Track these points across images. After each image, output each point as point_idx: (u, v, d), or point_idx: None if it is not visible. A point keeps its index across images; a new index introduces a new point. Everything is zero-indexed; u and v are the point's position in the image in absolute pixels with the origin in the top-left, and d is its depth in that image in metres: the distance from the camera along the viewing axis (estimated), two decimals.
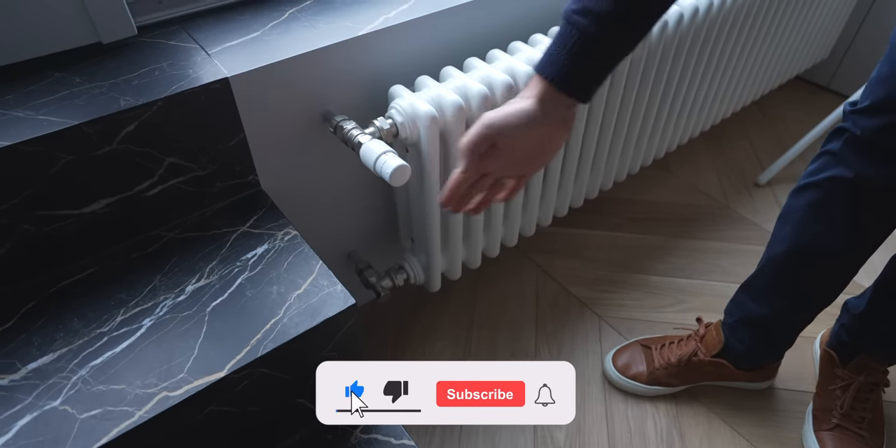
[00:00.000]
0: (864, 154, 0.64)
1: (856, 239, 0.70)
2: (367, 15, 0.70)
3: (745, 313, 0.82)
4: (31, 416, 0.48)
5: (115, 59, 0.62)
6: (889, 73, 0.60)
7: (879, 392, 0.82)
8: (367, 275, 0.85)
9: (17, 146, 0.51)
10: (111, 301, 0.57)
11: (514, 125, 0.46)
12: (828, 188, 0.68)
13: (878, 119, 0.61)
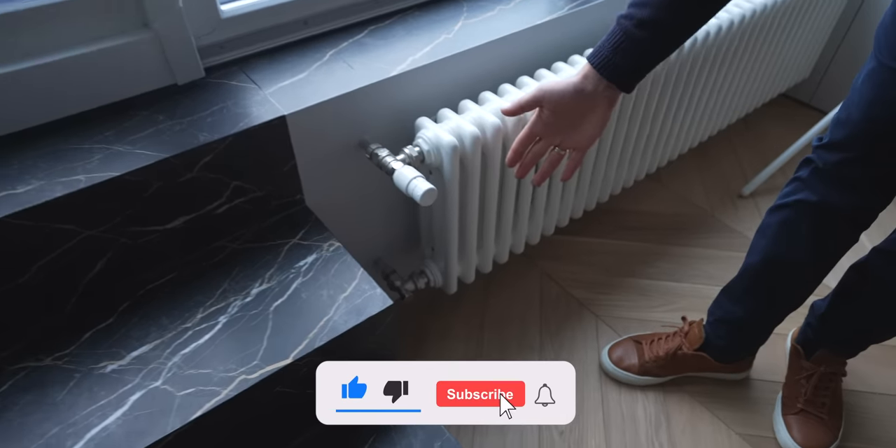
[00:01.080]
0: (826, 183, 0.75)
1: (818, 253, 0.81)
2: (396, 56, 0.82)
3: (724, 313, 0.94)
4: (140, 393, 0.59)
5: (189, 98, 0.73)
6: (846, 118, 0.71)
7: (838, 381, 0.93)
8: (392, 279, 0.97)
9: (123, 176, 0.62)
10: (190, 302, 0.69)
11: (559, 90, 0.58)
12: (796, 209, 0.79)
13: (837, 155, 0.73)
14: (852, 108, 0.70)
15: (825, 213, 0.77)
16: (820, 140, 0.76)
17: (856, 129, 0.69)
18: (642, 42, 0.55)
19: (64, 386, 0.60)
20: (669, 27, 0.55)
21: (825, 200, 0.75)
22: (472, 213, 0.89)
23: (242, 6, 0.77)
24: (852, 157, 0.71)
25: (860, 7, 1.47)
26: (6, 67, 0.62)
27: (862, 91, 0.68)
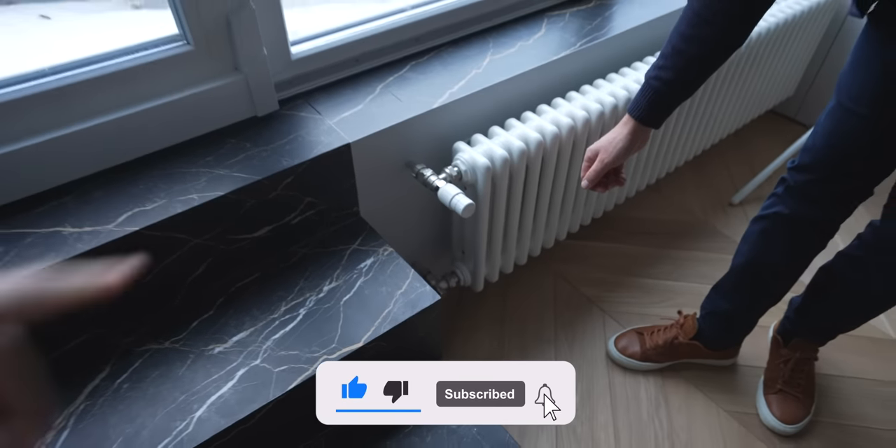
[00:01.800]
0: (796, 199, 0.90)
1: (791, 256, 0.96)
2: (436, 89, 0.96)
3: (714, 307, 1.08)
4: (244, 370, 0.74)
5: (268, 128, 0.88)
6: (812, 145, 0.86)
7: (811, 365, 1.08)
8: (428, 278, 1.11)
9: (226, 195, 0.77)
10: (274, 296, 0.83)
11: (610, 143, 0.78)
12: (773, 220, 0.94)
13: (804, 176, 0.88)
14: (817, 138, 0.84)
15: (796, 224, 0.91)
16: (793, 163, 0.91)
17: (819, 154, 0.84)
18: (668, 95, 0.72)
19: (183, 363, 0.74)
20: (688, 82, 0.71)
21: (796, 213, 0.90)
22: (499, 223, 1.04)
23: (307, 49, 0.92)
24: (816, 177, 0.85)
25: (839, 29, 1.61)
26: (131, 109, 0.76)
27: (824, 124, 0.83)
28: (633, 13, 1.19)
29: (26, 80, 0.71)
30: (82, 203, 0.74)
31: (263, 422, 0.71)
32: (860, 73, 0.78)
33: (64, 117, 0.73)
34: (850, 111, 0.79)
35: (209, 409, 0.69)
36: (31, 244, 0.69)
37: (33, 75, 0.71)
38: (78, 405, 0.69)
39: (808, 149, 0.86)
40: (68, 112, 0.73)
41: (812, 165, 0.85)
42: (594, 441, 1.04)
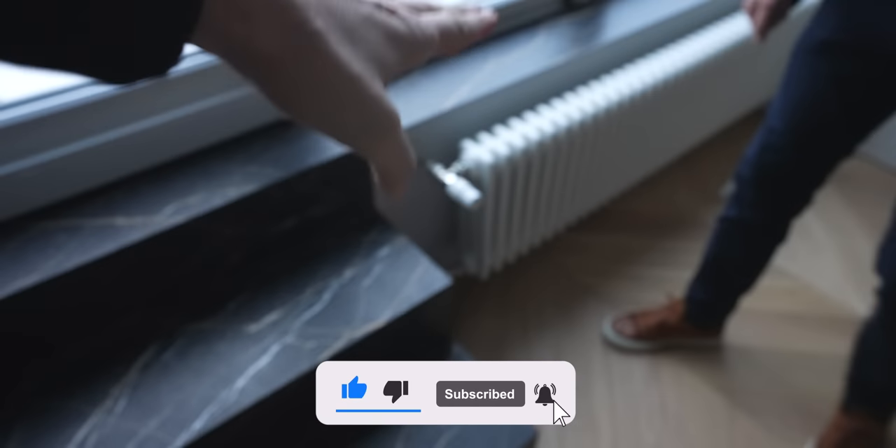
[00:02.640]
0: (745, 204, 1.01)
1: (747, 255, 1.05)
2: (444, 93, 1.04)
3: (693, 294, 1.17)
4: (278, 345, 0.81)
5: (293, 130, 0.95)
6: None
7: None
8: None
9: (258, 190, 0.85)
10: (300, 282, 0.91)
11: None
12: (728, 222, 1.04)
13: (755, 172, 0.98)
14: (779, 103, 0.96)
15: (747, 227, 1.03)
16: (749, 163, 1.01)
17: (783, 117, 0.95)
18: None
19: (223, 341, 0.82)
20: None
21: (745, 217, 1.02)
22: (503, 215, 1.12)
23: None
24: (768, 170, 0.97)
25: None
26: (173, 113, 0.84)
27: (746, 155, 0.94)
28: (624, 22, 1.27)
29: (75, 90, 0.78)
30: (132, 196, 0.82)
31: (297, 391, 0.79)
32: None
33: (112, 123, 0.81)
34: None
35: (250, 380, 0.77)
36: (90, 234, 0.76)
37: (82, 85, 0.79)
38: (131, 377, 0.77)
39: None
40: (116, 118, 0.81)
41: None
42: (591, 414, 1.12)
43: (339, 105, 0.21)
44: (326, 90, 0.20)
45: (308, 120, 0.22)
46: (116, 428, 0.71)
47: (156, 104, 0.83)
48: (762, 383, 1.17)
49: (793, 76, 0.93)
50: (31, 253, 0.74)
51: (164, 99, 0.83)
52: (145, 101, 0.82)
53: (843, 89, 0.86)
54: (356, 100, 0.21)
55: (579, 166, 1.20)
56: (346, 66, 0.20)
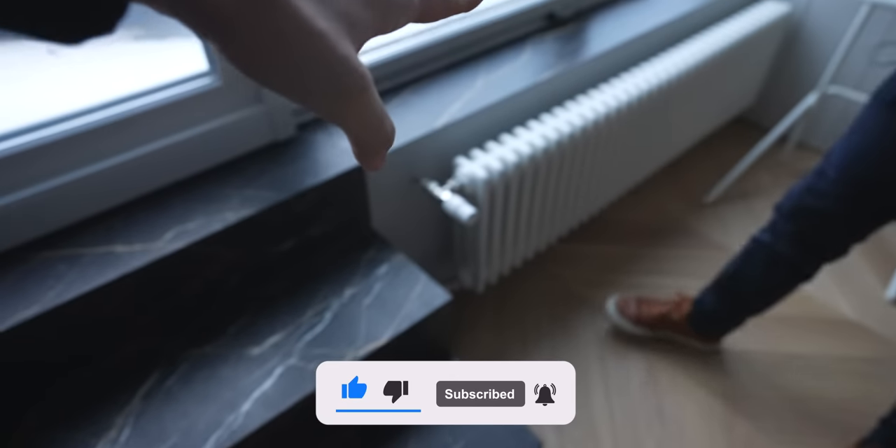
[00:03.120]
0: (784, 236, 0.98)
1: (765, 282, 1.04)
2: (436, 111, 1.05)
3: (703, 299, 1.17)
4: (282, 368, 0.81)
5: (288, 152, 0.96)
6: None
7: None
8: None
9: (256, 213, 0.85)
10: (301, 303, 0.91)
11: None
12: (758, 244, 1.03)
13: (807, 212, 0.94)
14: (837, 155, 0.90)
15: (776, 257, 1.00)
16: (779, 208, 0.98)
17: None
18: None
19: (226, 365, 0.82)
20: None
21: (777, 248, 0.99)
22: (497, 229, 1.13)
23: None
24: (815, 213, 0.93)
25: (793, 41, 1.75)
26: (168, 139, 0.84)
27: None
28: (606, 37, 1.30)
29: (75, 117, 0.78)
30: (129, 224, 0.82)
31: (303, 413, 0.79)
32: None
33: (109, 150, 0.81)
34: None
35: (255, 404, 0.77)
36: (90, 263, 0.76)
37: (80, 113, 0.79)
38: (134, 406, 0.76)
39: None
40: (112, 145, 0.81)
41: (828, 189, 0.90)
42: (591, 422, 1.13)
43: (302, 65, 0.20)
44: (288, 49, 0.19)
45: (272, 83, 0.20)
46: None
47: (153, 130, 0.83)
48: (757, 386, 1.19)
49: (861, 125, 0.85)
50: (31, 284, 0.73)
51: (160, 124, 0.83)
52: (143, 127, 0.82)
53: None
54: (321, 59, 0.20)
55: (570, 178, 1.22)
56: (308, 22, 0.19)
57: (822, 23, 1.67)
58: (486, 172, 1.00)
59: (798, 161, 1.80)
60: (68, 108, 0.78)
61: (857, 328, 1.31)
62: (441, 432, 0.93)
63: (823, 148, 1.82)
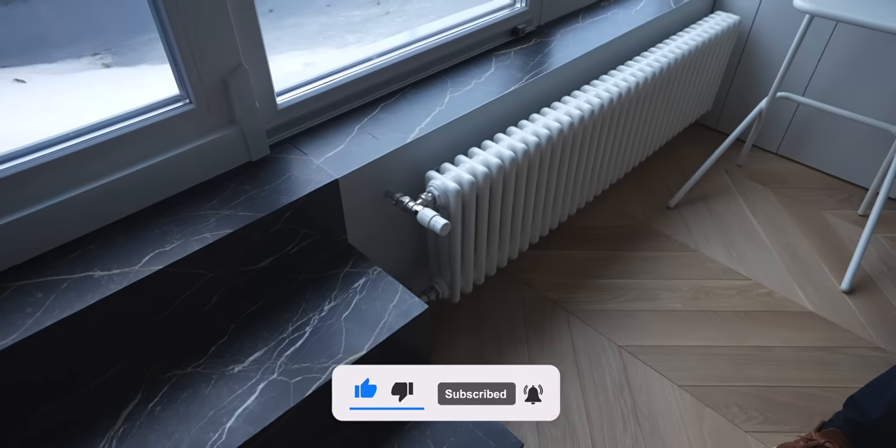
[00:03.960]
0: None
1: None
2: (407, 127, 1.08)
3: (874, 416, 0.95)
4: (264, 384, 0.82)
5: (263, 171, 0.97)
6: None
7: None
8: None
9: (234, 232, 0.86)
10: (280, 319, 0.92)
11: None
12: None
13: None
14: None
15: None
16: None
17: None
18: None
19: (208, 384, 0.82)
20: None
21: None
22: (470, 239, 1.15)
23: (291, 98, 1.02)
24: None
25: (743, 49, 1.83)
26: (143, 163, 0.85)
27: None
28: (567, 49, 1.35)
29: (50, 146, 0.79)
30: (106, 249, 0.82)
31: (286, 427, 0.80)
32: None
33: (83, 176, 0.81)
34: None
35: (237, 420, 0.78)
36: (68, 288, 0.76)
37: (55, 141, 0.79)
38: (117, 429, 0.76)
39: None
40: (86, 171, 0.81)
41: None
42: (569, 423, 1.16)
43: None
44: None
45: None
46: None
47: (126, 155, 0.84)
48: (722, 378, 1.24)
49: None
50: (7, 313, 0.73)
51: (134, 149, 0.84)
52: (116, 153, 0.83)
53: None
54: None
55: (538, 187, 1.26)
56: None
57: (769, 33, 1.76)
58: (456, 184, 1.03)
59: (753, 163, 1.88)
60: (40, 136, 0.78)
61: (815, 319, 1.37)
62: (425, 438, 0.94)
63: (776, 150, 1.90)
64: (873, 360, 1.27)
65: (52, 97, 1.56)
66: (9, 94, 1.56)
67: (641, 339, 1.32)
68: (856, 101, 1.65)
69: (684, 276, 1.48)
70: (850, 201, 1.73)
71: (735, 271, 1.50)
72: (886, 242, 1.59)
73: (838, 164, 1.81)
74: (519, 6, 1.37)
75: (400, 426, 0.96)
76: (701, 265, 1.52)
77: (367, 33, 2.19)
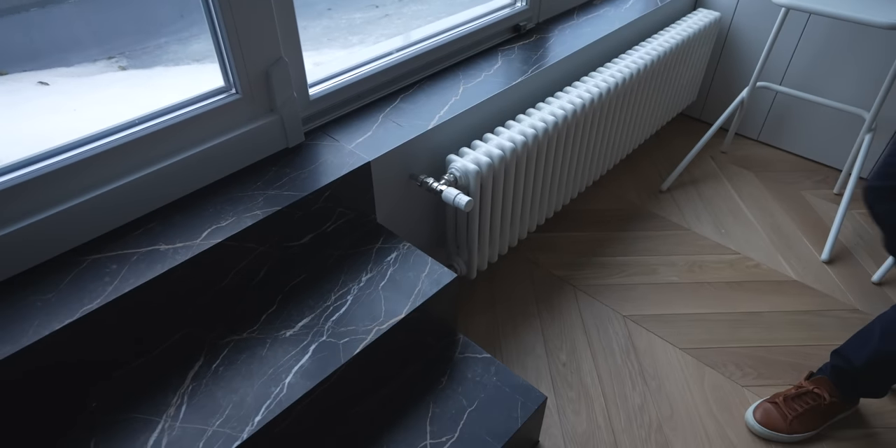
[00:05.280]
0: None
1: None
2: (428, 114, 1.16)
3: (858, 363, 1.04)
4: (315, 345, 0.89)
5: (300, 156, 1.05)
6: None
7: (821, 403, 1.10)
8: None
9: (282, 210, 0.93)
10: (323, 290, 0.99)
11: None
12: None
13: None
14: None
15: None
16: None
17: None
18: None
19: (264, 347, 0.89)
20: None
21: None
22: (486, 216, 1.24)
23: (322, 89, 1.10)
24: None
25: (724, 43, 1.94)
26: (194, 149, 0.92)
27: None
28: (565, 44, 1.44)
29: (110, 134, 0.85)
30: (167, 226, 0.89)
31: (337, 383, 0.88)
32: None
33: (142, 162, 0.88)
34: None
35: (295, 376, 0.85)
36: (138, 260, 0.83)
37: (115, 130, 0.86)
38: (187, 387, 0.83)
39: None
40: (145, 157, 0.88)
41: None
42: (583, 385, 1.24)
43: None
44: None
45: None
46: (184, 430, 0.77)
47: (180, 141, 0.91)
48: (719, 341, 1.33)
49: None
50: (88, 282, 0.79)
51: (187, 136, 0.91)
52: (173, 138, 0.90)
53: None
54: None
55: (545, 170, 1.35)
56: None
57: (747, 27, 1.87)
58: (476, 166, 1.11)
59: (737, 149, 1.99)
60: (94, 128, 0.85)
61: (800, 287, 1.47)
62: (457, 395, 1.02)
63: (757, 137, 2.02)
64: (852, 321, 1.37)
65: (77, 98, 1.61)
66: (36, 95, 1.62)
67: (643, 308, 1.42)
68: (829, 89, 1.77)
69: (679, 253, 1.58)
70: (826, 182, 1.84)
71: (725, 247, 1.60)
72: (860, 217, 1.70)
73: (814, 148, 1.92)
74: (519, 5, 1.46)
75: (435, 384, 1.04)
76: (694, 242, 1.62)
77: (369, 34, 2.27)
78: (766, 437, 1.14)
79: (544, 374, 1.27)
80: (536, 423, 1.10)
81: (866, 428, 1.16)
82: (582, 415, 1.19)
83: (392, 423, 0.98)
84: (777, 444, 1.14)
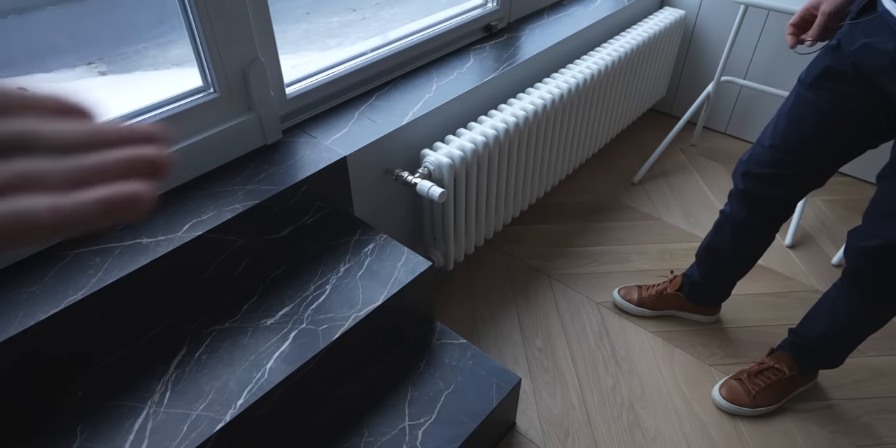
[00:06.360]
0: (740, 203, 1.10)
1: (736, 248, 1.16)
2: (401, 111, 1.19)
3: (691, 273, 1.31)
4: (295, 332, 0.92)
5: (278, 152, 1.07)
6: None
7: (781, 377, 1.17)
8: None
9: (261, 203, 0.96)
10: (302, 280, 1.02)
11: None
12: (723, 215, 1.16)
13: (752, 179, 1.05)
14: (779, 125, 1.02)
15: (737, 224, 1.13)
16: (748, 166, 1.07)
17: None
18: None
19: (245, 336, 0.92)
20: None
21: (737, 215, 1.12)
22: (461, 208, 1.27)
23: (298, 88, 1.13)
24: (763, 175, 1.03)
25: (690, 40, 2.00)
26: (177, 145, 0.94)
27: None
28: (536, 43, 1.49)
29: None
30: (149, 220, 0.91)
31: (317, 368, 0.90)
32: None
33: None
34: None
35: (276, 361, 0.87)
36: (121, 254, 0.85)
37: None
38: (171, 374, 0.86)
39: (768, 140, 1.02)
40: None
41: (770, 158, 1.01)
42: (558, 369, 1.28)
43: None
44: None
45: None
46: (168, 415, 0.80)
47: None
48: (688, 324, 1.38)
49: (786, 102, 1.02)
50: (72, 274, 0.81)
51: (170, 132, 0.93)
52: None
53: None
54: None
55: (518, 163, 1.38)
56: None
57: (711, 24, 1.93)
58: (449, 159, 1.15)
59: (705, 142, 2.04)
60: None
61: (765, 270, 1.53)
62: (435, 379, 1.06)
63: (724, 130, 2.08)
64: (813, 301, 1.41)
65: None
66: None
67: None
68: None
69: (650, 242, 1.63)
70: None
71: (694, 235, 1.65)
72: (822, 204, 1.77)
73: None
74: (490, 5, 1.50)
75: (413, 369, 1.07)
76: (664, 231, 1.67)
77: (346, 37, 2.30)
78: (732, 411, 1.18)
79: (521, 359, 1.31)
80: (512, 403, 1.14)
81: (825, 400, 1.22)
82: (557, 397, 1.23)
83: (372, 406, 1.01)
84: (742, 418, 1.19)
